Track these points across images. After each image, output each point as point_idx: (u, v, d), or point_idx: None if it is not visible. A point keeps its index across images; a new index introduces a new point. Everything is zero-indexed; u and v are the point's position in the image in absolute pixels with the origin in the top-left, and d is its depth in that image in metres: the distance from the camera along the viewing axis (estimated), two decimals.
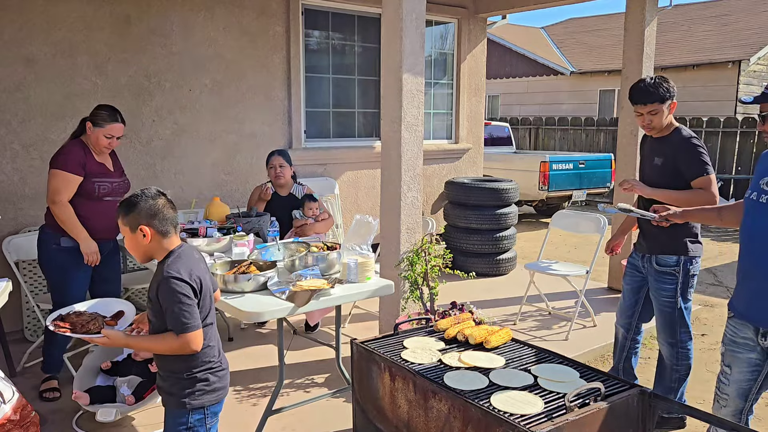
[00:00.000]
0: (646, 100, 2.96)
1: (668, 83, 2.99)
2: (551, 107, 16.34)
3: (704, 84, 13.80)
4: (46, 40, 4.48)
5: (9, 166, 4.43)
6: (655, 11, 5.30)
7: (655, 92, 2.94)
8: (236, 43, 5.39)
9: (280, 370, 2.99)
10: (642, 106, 2.98)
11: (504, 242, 6.17)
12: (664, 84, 2.97)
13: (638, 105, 3.00)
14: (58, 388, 3.47)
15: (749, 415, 2.33)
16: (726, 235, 8.89)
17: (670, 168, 3.00)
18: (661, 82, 2.98)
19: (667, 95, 2.97)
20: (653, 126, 3.01)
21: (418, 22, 3.63)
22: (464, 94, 7.21)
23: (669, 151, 3.01)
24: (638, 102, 3.00)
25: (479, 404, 1.81)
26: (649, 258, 3.13)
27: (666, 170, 3.02)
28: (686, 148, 2.97)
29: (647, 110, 2.97)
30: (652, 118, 2.99)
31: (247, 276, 2.85)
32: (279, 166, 4.48)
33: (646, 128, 3.05)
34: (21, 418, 2.69)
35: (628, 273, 3.33)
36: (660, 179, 3.04)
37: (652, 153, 3.11)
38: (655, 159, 3.06)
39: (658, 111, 2.97)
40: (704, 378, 3.92)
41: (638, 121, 3.07)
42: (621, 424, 1.87)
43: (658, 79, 2.99)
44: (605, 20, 19.43)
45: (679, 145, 2.98)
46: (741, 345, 2.24)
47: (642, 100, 2.98)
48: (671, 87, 2.99)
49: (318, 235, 4.20)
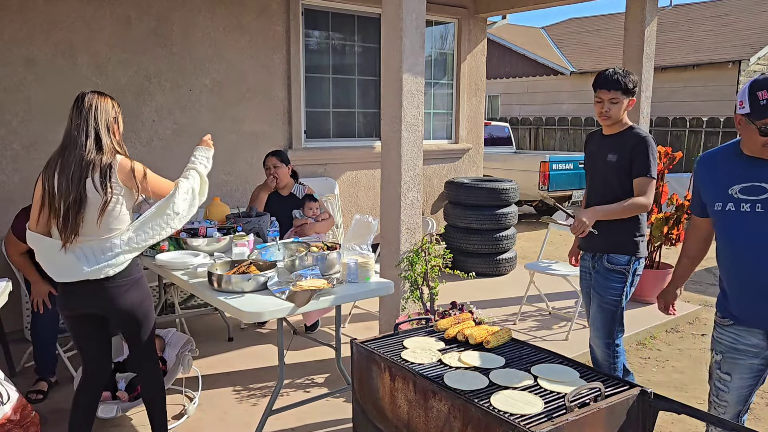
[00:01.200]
0: (611, 87, 2.92)
1: (635, 78, 2.97)
2: (551, 107, 16.33)
3: (704, 84, 13.80)
4: (46, 40, 4.49)
5: (9, 166, 4.43)
6: (655, 11, 5.30)
7: (620, 81, 2.91)
8: (236, 43, 5.39)
9: (280, 370, 2.99)
10: (605, 92, 2.93)
11: (504, 242, 6.17)
12: (631, 77, 2.95)
13: (601, 90, 2.95)
14: (43, 390, 3.50)
15: (745, 415, 2.33)
16: None
17: (626, 165, 2.95)
18: (628, 74, 2.95)
19: (631, 87, 2.93)
20: (610, 115, 2.95)
21: (418, 22, 3.63)
22: (464, 94, 7.20)
23: (625, 147, 2.96)
24: (602, 87, 2.95)
25: (479, 404, 1.81)
26: (600, 257, 3.07)
27: (621, 167, 2.97)
28: (643, 146, 2.93)
29: (609, 97, 2.92)
30: (611, 107, 2.93)
31: (247, 276, 2.85)
32: (273, 166, 4.50)
33: (602, 117, 2.98)
34: (21, 418, 2.70)
35: (582, 276, 3.26)
36: (615, 176, 2.98)
37: (603, 149, 3.05)
38: (609, 156, 3.00)
39: (619, 101, 2.92)
40: (704, 378, 3.92)
41: (596, 109, 3.01)
42: (621, 424, 1.87)
43: (626, 71, 2.96)
44: (605, 20, 19.43)
45: (637, 142, 2.94)
46: (743, 352, 2.22)
47: (606, 85, 2.93)
48: (636, 83, 2.97)
49: (318, 235, 4.20)
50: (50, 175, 2.48)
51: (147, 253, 3.48)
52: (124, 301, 2.57)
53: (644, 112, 5.37)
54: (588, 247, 3.16)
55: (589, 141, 3.27)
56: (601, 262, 3.07)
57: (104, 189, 2.43)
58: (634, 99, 2.99)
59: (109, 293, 2.53)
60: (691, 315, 5.08)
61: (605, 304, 3.06)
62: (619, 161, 2.96)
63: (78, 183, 2.42)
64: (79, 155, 2.47)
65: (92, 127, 2.51)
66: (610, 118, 2.97)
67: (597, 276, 3.10)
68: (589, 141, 3.27)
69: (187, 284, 3.04)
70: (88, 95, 2.58)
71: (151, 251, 3.47)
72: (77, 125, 2.53)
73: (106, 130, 2.53)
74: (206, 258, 3.33)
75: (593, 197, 3.10)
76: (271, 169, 4.51)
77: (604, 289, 3.06)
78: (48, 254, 2.52)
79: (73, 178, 2.43)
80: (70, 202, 2.42)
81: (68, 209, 2.42)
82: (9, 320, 3.96)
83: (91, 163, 2.45)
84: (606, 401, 1.85)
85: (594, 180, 3.13)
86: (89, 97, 2.57)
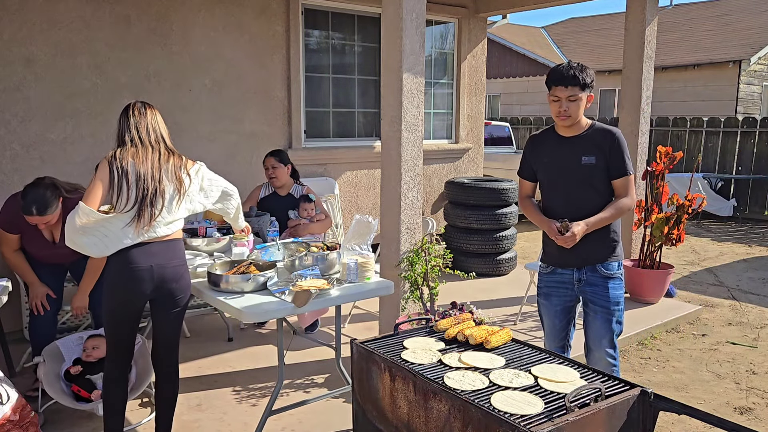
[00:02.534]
0: (568, 83, 2.66)
1: (592, 72, 2.73)
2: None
3: (705, 84, 13.80)
4: (46, 40, 4.48)
5: (9, 166, 4.42)
6: (656, 11, 5.30)
7: (577, 76, 2.65)
8: (236, 42, 5.39)
9: (280, 370, 2.99)
10: (562, 88, 2.67)
11: (504, 242, 6.16)
12: (587, 70, 2.70)
13: (558, 87, 2.68)
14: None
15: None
16: (726, 235, 8.88)
17: (603, 166, 2.74)
18: (585, 67, 2.70)
19: (589, 82, 2.69)
20: (569, 114, 2.70)
21: (418, 22, 3.63)
22: (464, 93, 7.20)
23: (602, 147, 2.74)
24: (558, 83, 2.68)
25: (479, 404, 1.81)
26: (591, 268, 2.82)
27: (599, 169, 2.74)
28: (618, 143, 2.74)
29: (566, 95, 2.66)
30: (570, 105, 2.68)
31: (247, 276, 2.85)
32: (271, 166, 4.50)
33: (560, 117, 2.72)
34: (20, 418, 2.70)
35: (553, 293, 2.93)
36: (592, 180, 2.76)
37: (574, 152, 2.77)
38: (584, 158, 2.74)
39: (578, 98, 2.67)
40: (704, 378, 3.92)
41: (552, 109, 2.74)
42: (621, 425, 1.87)
43: (580, 65, 2.71)
44: (606, 20, 19.44)
45: (613, 140, 2.74)
46: None
47: (563, 81, 2.66)
48: (593, 76, 2.72)
49: (314, 236, 4.19)
50: (122, 166, 2.58)
51: None
52: (184, 281, 2.73)
53: (645, 111, 5.37)
54: (575, 260, 2.84)
55: (537, 144, 2.94)
56: (596, 272, 2.82)
57: (174, 181, 2.67)
58: (592, 95, 2.75)
59: (170, 272, 2.65)
60: (692, 315, 5.08)
61: (610, 316, 2.83)
62: (597, 163, 2.74)
63: (158, 174, 2.63)
64: (152, 152, 2.67)
65: (159, 133, 2.77)
66: (570, 118, 2.72)
67: (593, 288, 2.84)
68: (537, 144, 2.94)
69: None
70: (142, 104, 2.79)
71: None
72: (145, 128, 2.73)
73: (167, 135, 2.84)
74: (206, 258, 3.32)
75: (563, 205, 2.82)
76: (269, 169, 4.51)
77: (611, 300, 2.82)
78: (108, 227, 2.56)
79: (154, 171, 2.62)
80: (151, 192, 2.58)
81: (152, 196, 2.59)
82: (9, 320, 3.96)
83: (168, 159, 2.70)
84: (606, 401, 1.84)
85: (563, 186, 2.82)
86: (144, 106, 2.79)
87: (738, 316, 5.18)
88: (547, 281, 2.96)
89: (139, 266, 2.58)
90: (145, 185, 2.58)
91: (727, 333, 4.76)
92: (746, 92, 13.52)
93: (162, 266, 2.62)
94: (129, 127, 2.68)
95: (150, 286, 2.62)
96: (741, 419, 3.38)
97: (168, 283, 2.66)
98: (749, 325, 4.96)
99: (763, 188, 9.87)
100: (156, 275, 2.61)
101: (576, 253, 2.79)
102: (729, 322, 5.02)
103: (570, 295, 2.92)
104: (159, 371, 2.85)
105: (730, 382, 3.88)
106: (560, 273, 2.91)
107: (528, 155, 2.96)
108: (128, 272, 2.57)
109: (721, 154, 10.47)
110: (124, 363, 2.77)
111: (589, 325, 2.91)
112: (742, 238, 8.59)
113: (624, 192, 2.78)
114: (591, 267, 2.83)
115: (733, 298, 5.69)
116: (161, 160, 2.67)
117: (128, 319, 2.69)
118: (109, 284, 2.65)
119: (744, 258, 7.30)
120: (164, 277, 2.64)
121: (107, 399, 2.75)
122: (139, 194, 2.57)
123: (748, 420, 3.38)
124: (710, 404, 3.57)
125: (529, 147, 2.97)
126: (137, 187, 2.57)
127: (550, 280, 2.95)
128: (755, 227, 9.45)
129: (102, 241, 2.56)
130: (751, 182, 9.95)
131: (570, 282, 2.89)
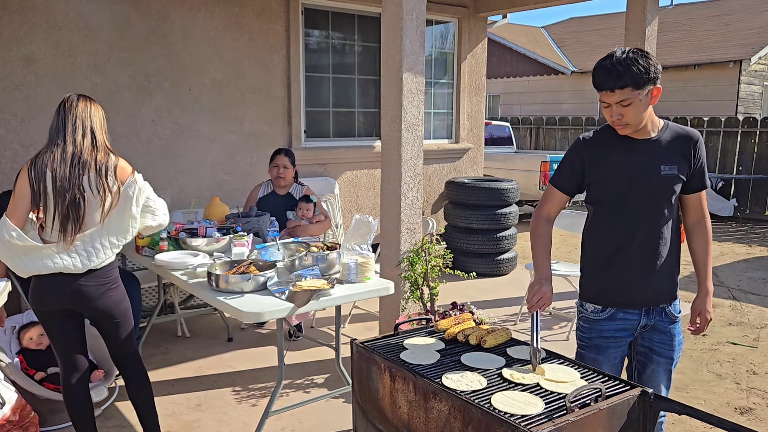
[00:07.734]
0: (614, 85, 2.00)
1: (647, 59, 2.01)
2: (552, 107, 16.31)
3: (705, 83, 13.79)
4: (46, 39, 4.48)
5: (9, 165, 4.42)
6: (656, 10, 5.30)
7: (626, 73, 1.98)
8: (236, 42, 5.39)
9: (280, 371, 2.98)
10: (609, 93, 2.03)
11: (504, 242, 6.16)
12: (640, 61, 2.00)
13: (604, 92, 2.05)
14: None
15: None
16: (727, 235, 8.88)
17: (682, 178, 2.16)
18: (636, 58, 2.00)
19: (645, 77, 2.00)
20: (627, 122, 2.07)
21: (418, 22, 3.63)
22: (465, 93, 7.20)
23: (686, 154, 2.15)
24: (603, 88, 2.04)
25: (479, 405, 1.81)
26: (659, 310, 2.23)
27: (678, 181, 2.15)
28: (702, 150, 2.19)
29: (616, 99, 2.02)
30: (624, 111, 2.04)
31: (247, 276, 2.84)
32: (283, 167, 4.39)
33: (616, 125, 2.11)
34: (20, 419, 2.69)
35: (612, 345, 2.26)
36: (672, 196, 2.16)
37: (650, 158, 2.14)
38: (664, 168, 2.12)
39: (632, 101, 2.02)
40: (704, 378, 3.91)
41: (605, 115, 2.10)
42: (622, 425, 1.87)
43: (632, 54, 2.01)
44: (606, 20, 19.42)
45: (696, 145, 2.16)
46: None
47: (608, 84, 2.02)
48: (652, 65, 2.01)
49: (313, 237, 4.17)
50: (40, 173, 2.41)
51: (146, 253, 3.48)
52: (105, 301, 2.55)
53: None
54: (645, 297, 2.21)
55: (596, 146, 2.21)
56: (664, 316, 2.24)
57: (100, 189, 2.43)
58: (659, 87, 2.06)
59: (87, 291, 2.49)
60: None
61: (671, 365, 2.29)
62: (678, 173, 2.14)
63: (77, 180, 2.41)
64: (73, 152, 2.45)
65: (88, 127, 2.51)
66: (629, 126, 2.09)
67: (661, 337, 2.25)
68: (596, 146, 2.21)
69: (187, 284, 3.04)
70: (77, 97, 2.60)
71: (150, 251, 3.46)
72: (72, 122, 2.50)
73: (100, 129, 2.55)
74: (206, 258, 3.32)
75: (633, 228, 2.17)
76: (280, 168, 4.38)
77: (672, 348, 2.26)
78: (24, 249, 2.39)
79: (72, 177, 2.41)
80: (69, 202, 2.40)
81: (68, 209, 2.40)
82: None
83: (87, 162, 2.44)
84: (607, 402, 1.84)
85: (635, 202, 2.16)
86: (79, 98, 2.60)
87: (738, 316, 5.18)
88: (603, 330, 2.25)
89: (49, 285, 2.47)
90: (63, 190, 2.39)
91: (727, 333, 4.76)
92: (747, 92, 13.51)
93: (79, 284, 2.48)
94: (55, 125, 2.50)
95: (65, 299, 2.49)
96: (741, 419, 3.38)
97: (86, 301, 2.51)
98: (750, 325, 4.95)
99: (764, 188, 9.86)
100: (70, 291, 2.47)
101: (651, 285, 2.19)
102: (729, 322, 5.02)
103: (621, 349, 2.29)
104: (126, 378, 2.82)
105: (730, 382, 3.87)
106: (623, 318, 2.23)
107: (577, 161, 2.23)
108: (40, 281, 2.47)
109: (721, 154, 10.47)
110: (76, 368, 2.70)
111: (647, 379, 2.30)
112: (743, 238, 8.58)
113: (701, 211, 2.24)
114: (659, 309, 2.24)
115: (734, 298, 5.68)
116: (83, 158, 2.43)
117: (58, 320, 2.57)
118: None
119: (744, 258, 7.30)
120: (81, 294, 2.49)
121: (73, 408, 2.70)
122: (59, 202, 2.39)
123: (749, 420, 3.37)
124: (711, 404, 3.56)
125: (582, 149, 2.23)
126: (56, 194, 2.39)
127: (609, 328, 2.23)
128: (756, 227, 9.44)
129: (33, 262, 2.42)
130: (751, 182, 9.95)
131: (633, 329, 2.24)
